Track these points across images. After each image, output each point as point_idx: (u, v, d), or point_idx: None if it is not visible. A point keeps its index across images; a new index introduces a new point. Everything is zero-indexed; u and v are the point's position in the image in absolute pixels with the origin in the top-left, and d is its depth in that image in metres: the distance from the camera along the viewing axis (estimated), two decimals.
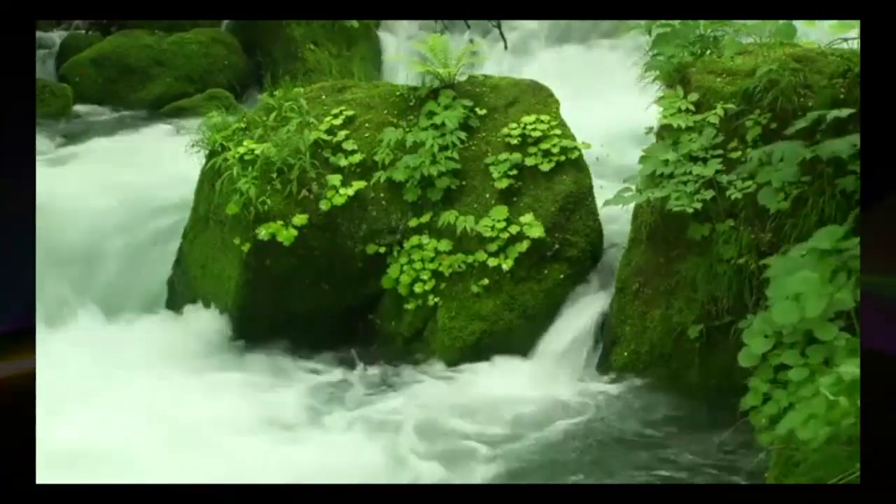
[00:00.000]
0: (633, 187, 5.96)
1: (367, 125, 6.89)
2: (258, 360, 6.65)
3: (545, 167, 6.67)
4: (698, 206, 5.77)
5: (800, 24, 5.82)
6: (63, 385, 5.86)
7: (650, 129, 6.25)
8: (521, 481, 5.37)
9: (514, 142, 6.74)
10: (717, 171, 5.83)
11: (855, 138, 5.07)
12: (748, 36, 6.27)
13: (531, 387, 6.27)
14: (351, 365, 6.62)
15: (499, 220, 6.57)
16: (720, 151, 5.91)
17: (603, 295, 6.59)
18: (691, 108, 6.09)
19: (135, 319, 7.01)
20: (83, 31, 11.91)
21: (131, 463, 5.31)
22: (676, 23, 6.28)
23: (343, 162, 6.75)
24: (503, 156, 6.71)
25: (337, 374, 6.52)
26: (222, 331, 6.89)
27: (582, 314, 6.57)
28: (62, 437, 5.35)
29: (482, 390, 6.27)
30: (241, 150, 6.76)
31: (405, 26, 11.85)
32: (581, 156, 6.79)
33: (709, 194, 5.80)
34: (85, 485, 4.26)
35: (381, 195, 6.73)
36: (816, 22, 5.71)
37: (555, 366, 6.41)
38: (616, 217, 6.60)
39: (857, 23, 5.01)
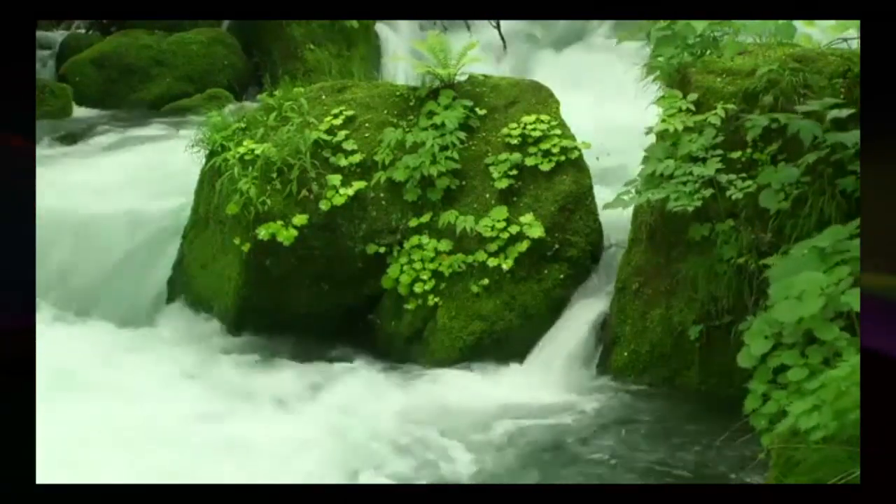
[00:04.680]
0: (633, 189, 5.96)
1: (367, 125, 6.89)
2: (257, 360, 6.65)
3: (545, 167, 6.67)
4: (698, 203, 5.76)
5: (800, 24, 5.82)
6: (61, 387, 5.86)
7: (650, 129, 6.25)
8: (521, 481, 5.37)
9: (514, 142, 6.74)
10: (717, 171, 5.83)
11: (859, 133, 5.08)
12: (748, 36, 6.26)
13: (531, 387, 6.27)
14: (351, 365, 6.61)
15: (499, 220, 6.57)
16: (720, 151, 5.90)
17: (603, 295, 6.59)
18: (692, 108, 6.09)
19: (134, 320, 7.00)
20: (83, 31, 11.92)
21: (128, 463, 5.30)
22: (677, 23, 6.27)
23: (343, 162, 6.75)
24: (503, 156, 6.71)
25: (337, 374, 6.51)
26: (222, 331, 6.89)
27: (582, 314, 6.57)
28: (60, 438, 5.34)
29: (482, 390, 6.27)
30: (242, 149, 6.76)
31: (405, 26, 11.85)
32: (581, 156, 6.79)
33: (708, 193, 5.80)
34: (85, 485, 4.26)
35: (381, 195, 6.73)
36: (816, 22, 5.71)
37: (554, 365, 6.41)
38: (616, 217, 6.60)
39: (857, 23, 5.02)
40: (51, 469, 4.45)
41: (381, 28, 11.79)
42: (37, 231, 3.93)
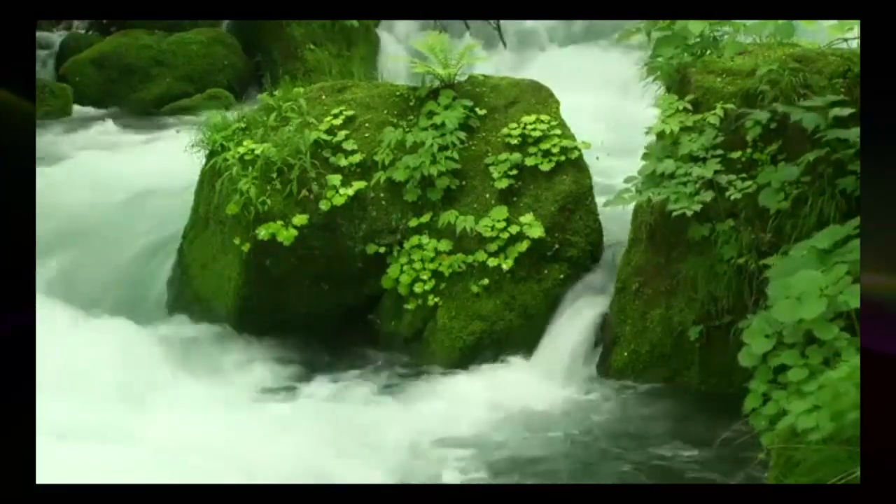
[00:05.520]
0: (633, 188, 5.96)
1: (367, 125, 6.89)
2: (257, 360, 6.65)
3: (545, 167, 6.67)
4: (697, 207, 5.77)
5: (799, 24, 5.82)
6: (61, 386, 5.86)
7: (650, 129, 6.25)
8: (521, 482, 5.37)
9: (514, 142, 6.74)
10: (717, 172, 5.83)
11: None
12: (748, 36, 6.26)
13: (531, 387, 6.27)
14: (350, 365, 6.62)
15: (499, 220, 6.57)
16: (720, 151, 5.90)
17: (603, 295, 6.59)
18: (689, 107, 6.10)
19: (134, 320, 7.00)
20: (83, 31, 11.93)
21: (129, 464, 5.30)
22: (677, 23, 6.27)
23: (343, 162, 6.75)
24: (503, 156, 6.71)
25: (336, 374, 6.51)
26: (222, 331, 6.89)
27: (582, 314, 6.57)
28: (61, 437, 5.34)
29: (482, 390, 6.26)
30: (241, 150, 6.76)
31: (405, 26, 11.86)
32: (581, 156, 6.79)
33: (709, 195, 5.80)
34: (85, 485, 4.25)
35: (381, 195, 6.73)
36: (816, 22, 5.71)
37: (554, 366, 6.41)
38: (616, 217, 6.60)
39: (857, 23, 5.02)
40: (51, 469, 4.46)
41: (381, 28, 11.80)
42: (37, 231, 3.93)
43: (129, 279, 7.32)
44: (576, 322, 6.55)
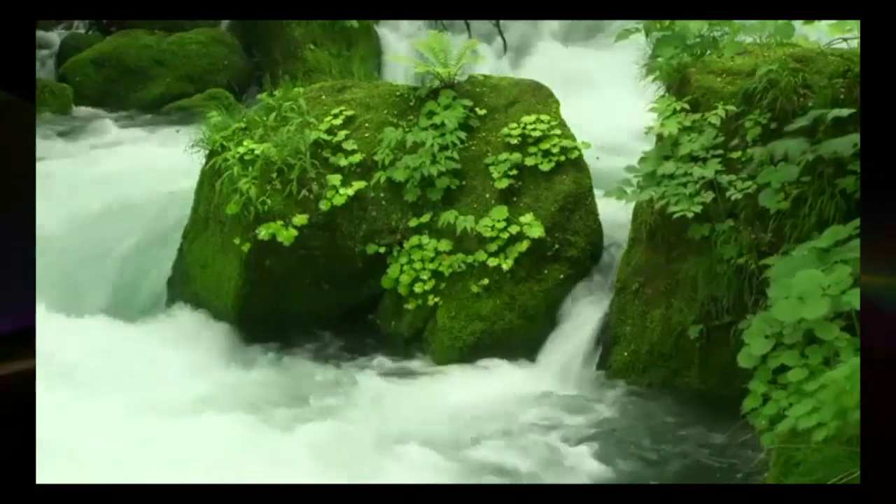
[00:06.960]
0: (634, 181, 5.95)
1: (367, 125, 6.89)
2: (258, 360, 6.65)
3: (545, 167, 6.67)
4: (698, 209, 5.78)
5: (799, 24, 5.82)
6: (61, 384, 5.86)
7: (650, 129, 6.25)
8: (521, 481, 5.37)
9: (514, 142, 6.74)
10: (717, 172, 5.83)
11: (855, 137, 5.07)
12: (748, 36, 6.26)
13: (530, 386, 6.28)
14: (350, 365, 6.62)
15: (499, 220, 6.57)
16: (720, 151, 5.90)
17: (603, 295, 6.59)
18: (686, 107, 6.10)
19: (135, 320, 7.00)
20: (83, 31, 11.93)
21: (131, 463, 5.30)
22: (677, 24, 6.27)
23: (343, 162, 6.76)
24: (503, 156, 6.71)
25: (337, 374, 6.52)
26: (222, 331, 6.88)
27: (582, 314, 6.57)
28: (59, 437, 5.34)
29: (482, 390, 6.26)
30: (241, 150, 6.76)
31: (405, 26, 11.86)
32: (581, 156, 6.79)
33: (709, 196, 5.80)
34: (85, 485, 4.26)
35: (381, 195, 6.73)
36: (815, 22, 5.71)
37: (554, 365, 6.41)
38: (616, 217, 6.61)
39: (857, 23, 5.02)
40: (53, 468, 4.46)
41: (382, 28, 11.79)
42: (37, 230, 3.93)
43: (128, 279, 7.32)
44: (576, 322, 6.55)
